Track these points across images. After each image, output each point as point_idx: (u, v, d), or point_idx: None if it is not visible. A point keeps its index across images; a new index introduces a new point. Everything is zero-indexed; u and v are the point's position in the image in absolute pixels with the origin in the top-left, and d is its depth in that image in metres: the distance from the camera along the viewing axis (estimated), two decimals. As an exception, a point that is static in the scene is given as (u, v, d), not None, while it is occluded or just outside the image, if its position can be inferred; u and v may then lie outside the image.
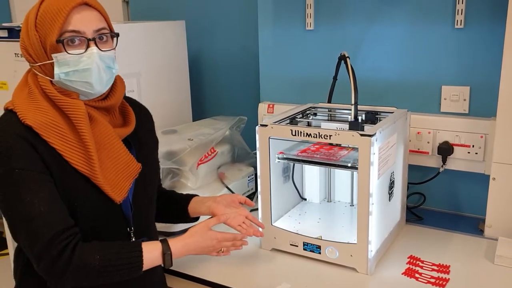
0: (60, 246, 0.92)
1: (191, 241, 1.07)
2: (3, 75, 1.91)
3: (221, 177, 1.74)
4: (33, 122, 0.96)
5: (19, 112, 0.97)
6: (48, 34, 0.98)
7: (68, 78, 1.00)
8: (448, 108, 1.61)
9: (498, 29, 1.47)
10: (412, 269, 1.31)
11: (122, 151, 1.06)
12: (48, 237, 0.92)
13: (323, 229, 1.45)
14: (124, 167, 1.05)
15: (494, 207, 1.46)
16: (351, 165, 1.30)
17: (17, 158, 0.94)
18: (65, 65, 0.99)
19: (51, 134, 0.97)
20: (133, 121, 1.12)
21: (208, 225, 1.11)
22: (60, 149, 0.97)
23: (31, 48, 1.01)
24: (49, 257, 0.92)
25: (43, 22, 0.98)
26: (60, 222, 0.94)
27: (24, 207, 0.93)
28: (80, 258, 0.93)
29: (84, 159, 0.98)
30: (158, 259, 1.01)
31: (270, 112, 1.89)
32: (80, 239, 0.96)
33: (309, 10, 1.77)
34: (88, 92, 1.03)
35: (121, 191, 1.03)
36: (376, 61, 1.71)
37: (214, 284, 1.29)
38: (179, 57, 2.05)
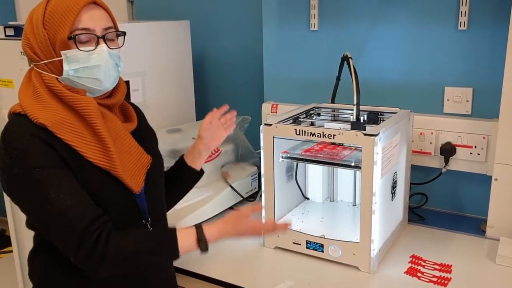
0: (95, 235, 0.93)
1: (225, 227, 1.06)
2: (9, 73, 1.93)
3: (224, 176, 1.75)
4: (46, 121, 0.96)
5: (30, 112, 0.97)
6: (57, 31, 0.99)
7: (77, 75, 1.01)
8: (451, 109, 1.62)
9: (501, 31, 1.48)
10: (414, 268, 1.32)
11: (133, 143, 1.08)
12: (81, 228, 0.92)
13: (326, 228, 1.46)
14: (136, 159, 1.07)
15: (496, 207, 1.47)
16: (354, 165, 1.31)
17: (34, 157, 0.94)
18: (74, 62, 1.00)
19: (65, 131, 0.97)
20: (134, 117, 1.14)
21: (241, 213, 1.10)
22: (76, 145, 0.97)
23: (37, 46, 1.01)
24: (86, 247, 0.92)
25: (52, 20, 0.99)
26: (90, 212, 0.95)
27: (51, 203, 0.93)
28: (116, 246, 0.94)
29: (101, 153, 0.99)
30: (193, 245, 1.01)
31: (274, 112, 1.90)
32: (111, 227, 0.96)
33: (313, 11, 1.79)
34: (96, 89, 1.04)
35: (138, 181, 1.05)
36: (380, 62, 1.72)
37: (217, 281, 1.30)
38: (184, 57, 2.06)
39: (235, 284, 1.28)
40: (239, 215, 1.09)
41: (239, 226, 1.08)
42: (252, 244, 1.48)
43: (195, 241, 1.01)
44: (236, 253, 1.44)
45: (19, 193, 0.96)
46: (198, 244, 1.01)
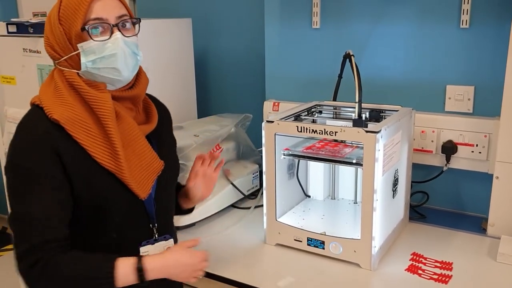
0: (40, 254, 0.93)
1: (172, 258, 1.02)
2: (11, 70, 1.93)
3: (226, 174, 1.75)
4: (60, 117, 0.96)
5: (46, 107, 0.98)
6: (72, 24, 0.99)
7: (95, 66, 1.01)
8: (453, 107, 1.63)
9: (503, 29, 1.48)
10: (415, 266, 1.33)
11: (146, 148, 1.06)
12: (33, 243, 0.93)
13: (327, 225, 1.46)
14: (148, 164, 1.06)
15: (497, 206, 1.47)
16: (356, 162, 1.31)
17: (34, 159, 0.95)
18: (91, 53, 1.00)
19: (78, 129, 0.97)
20: (155, 118, 1.12)
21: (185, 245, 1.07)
22: (86, 144, 0.97)
23: (56, 43, 1.01)
24: (27, 262, 0.93)
25: (66, 14, 0.99)
26: (51, 232, 0.95)
27: (25, 207, 0.94)
28: (53, 270, 0.94)
29: (110, 155, 0.99)
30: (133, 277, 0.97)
31: (276, 110, 1.90)
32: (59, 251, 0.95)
33: (315, 9, 1.79)
34: (116, 79, 1.03)
35: (146, 187, 1.04)
36: (382, 60, 1.72)
37: (219, 277, 1.31)
38: (186, 55, 2.07)
39: (236, 280, 1.28)
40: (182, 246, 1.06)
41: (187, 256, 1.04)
42: (253, 241, 1.48)
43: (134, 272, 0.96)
44: (237, 250, 1.44)
45: (7, 180, 0.99)
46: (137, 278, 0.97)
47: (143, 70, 1.12)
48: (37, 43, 1.80)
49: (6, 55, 1.93)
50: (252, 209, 1.71)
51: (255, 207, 1.72)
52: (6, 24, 1.88)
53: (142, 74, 1.11)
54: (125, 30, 1.03)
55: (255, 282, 1.27)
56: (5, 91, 1.99)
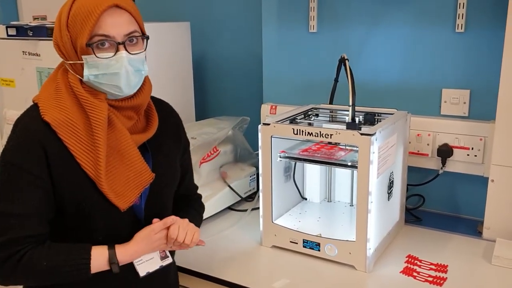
0: (15, 248, 0.95)
1: (139, 247, 1.05)
2: (11, 73, 1.95)
3: (223, 176, 1.76)
4: (51, 119, 0.98)
5: (41, 107, 1.00)
6: (78, 35, 0.99)
7: (97, 80, 1.01)
8: (448, 110, 1.64)
9: (498, 34, 1.49)
10: (410, 268, 1.33)
11: (136, 159, 1.05)
12: (9, 237, 0.95)
13: (323, 227, 1.47)
14: (135, 175, 1.04)
15: (492, 209, 1.47)
16: (351, 164, 1.32)
17: (22, 156, 0.97)
18: (94, 68, 1.00)
19: (67, 132, 0.98)
20: (154, 126, 1.11)
21: (154, 231, 1.07)
22: (73, 149, 0.98)
23: (63, 47, 1.02)
24: (2, 255, 0.95)
25: (74, 23, 0.99)
26: (28, 228, 0.96)
27: (6, 203, 0.96)
28: (27, 264, 0.95)
29: (93, 162, 0.99)
30: (105, 265, 1.01)
31: (273, 113, 1.91)
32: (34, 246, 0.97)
33: (312, 13, 1.80)
34: (117, 94, 1.04)
35: (127, 199, 1.03)
36: (378, 64, 1.73)
37: (215, 279, 1.31)
38: (184, 58, 2.08)
39: (232, 282, 1.29)
40: (150, 232, 1.06)
41: (154, 242, 1.06)
42: (249, 243, 1.49)
43: (106, 262, 1.01)
44: (234, 252, 1.45)
45: None
46: (109, 266, 1.01)
47: (148, 78, 1.11)
48: (37, 46, 1.81)
49: (5, 58, 1.95)
50: (249, 211, 1.72)
51: (252, 209, 1.73)
52: (6, 27, 1.89)
53: (146, 84, 1.09)
54: (131, 46, 1.01)
55: (251, 284, 1.27)
56: (4, 93, 2.00)
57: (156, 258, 1.10)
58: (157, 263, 1.10)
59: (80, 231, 1.04)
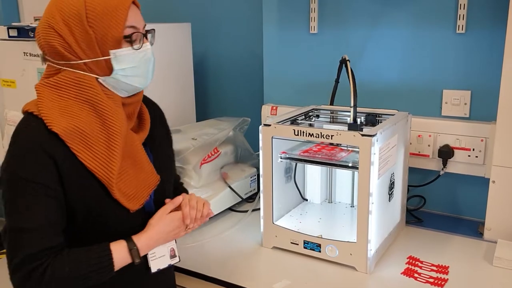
0: (36, 263, 0.93)
1: (155, 231, 1.06)
2: (12, 74, 1.95)
3: (224, 177, 1.76)
4: (59, 129, 0.94)
5: (46, 117, 0.95)
6: (109, 29, 0.96)
7: (125, 74, 0.99)
8: (449, 111, 1.63)
9: (498, 35, 1.49)
10: (411, 269, 1.33)
11: (145, 161, 1.06)
12: (30, 252, 0.92)
13: (324, 228, 1.47)
14: (144, 177, 1.05)
15: (493, 210, 1.47)
16: (352, 165, 1.32)
17: (29, 168, 0.93)
18: (124, 61, 0.99)
19: (76, 141, 0.95)
20: (148, 124, 1.11)
21: (165, 211, 1.09)
22: (82, 157, 0.96)
23: (77, 45, 0.96)
24: (23, 272, 0.92)
25: (100, 17, 0.95)
26: (46, 240, 0.94)
27: (19, 218, 0.93)
28: (51, 276, 0.93)
29: (104, 167, 0.98)
30: (127, 257, 1.01)
31: (273, 114, 1.91)
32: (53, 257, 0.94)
33: (313, 14, 1.80)
34: (138, 87, 1.03)
35: (138, 201, 1.03)
36: (379, 65, 1.73)
37: (216, 280, 1.31)
38: (185, 59, 2.08)
39: (233, 283, 1.29)
40: (162, 213, 1.07)
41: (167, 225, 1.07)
42: (250, 244, 1.49)
43: (127, 253, 1.00)
44: (234, 253, 1.45)
45: (2, 192, 0.97)
46: (130, 256, 1.00)
47: None
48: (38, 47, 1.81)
49: (6, 59, 1.95)
50: (249, 212, 1.71)
51: (252, 210, 1.72)
52: (7, 28, 1.90)
53: None
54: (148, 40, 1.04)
55: (251, 285, 1.27)
56: (5, 94, 2.00)
57: (166, 256, 1.12)
58: (167, 261, 1.12)
59: (92, 236, 1.02)
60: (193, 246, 1.49)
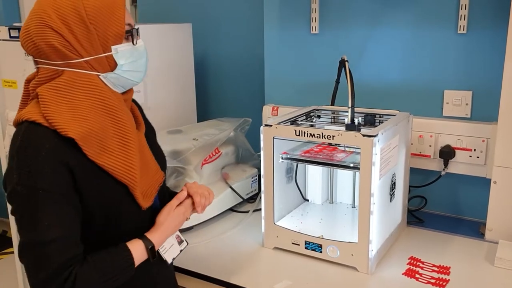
0: (64, 275, 0.91)
1: (165, 227, 1.09)
2: (13, 74, 1.95)
3: (225, 177, 1.76)
4: (75, 134, 0.92)
5: (57, 123, 0.92)
6: (110, 26, 0.97)
7: (125, 69, 1.01)
8: (450, 112, 1.63)
9: (500, 35, 1.49)
10: (413, 270, 1.33)
11: (151, 159, 1.08)
12: (58, 263, 0.91)
13: (325, 229, 1.47)
14: (153, 175, 1.07)
15: (495, 210, 1.47)
16: (353, 165, 1.32)
17: (42, 177, 0.90)
18: (123, 57, 1.01)
19: (93, 145, 0.94)
20: (142, 120, 1.13)
21: (172, 208, 1.11)
22: (100, 161, 0.95)
23: (77, 42, 0.94)
24: (57, 282, 0.91)
25: (99, 14, 0.96)
26: (69, 249, 0.93)
27: (40, 231, 0.91)
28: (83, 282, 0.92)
29: (126, 169, 0.98)
30: (144, 255, 1.03)
31: (275, 114, 1.91)
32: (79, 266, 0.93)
33: (314, 14, 1.80)
34: (135, 82, 1.05)
35: (150, 198, 1.05)
36: (380, 65, 1.73)
37: (217, 280, 1.31)
38: (185, 59, 2.08)
39: (234, 283, 1.29)
40: (169, 210, 1.11)
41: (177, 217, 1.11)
42: (251, 244, 1.49)
43: (144, 250, 1.03)
44: (235, 253, 1.45)
45: (15, 207, 0.94)
46: (147, 252, 1.03)
47: None
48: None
49: (8, 60, 1.95)
50: (250, 212, 1.71)
51: (253, 210, 1.72)
52: (8, 28, 1.90)
53: None
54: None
55: (252, 286, 1.27)
56: (6, 95, 2.01)
57: (175, 245, 1.14)
58: (177, 249, 1.14)
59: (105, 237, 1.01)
60: (194, 246, 1.49)
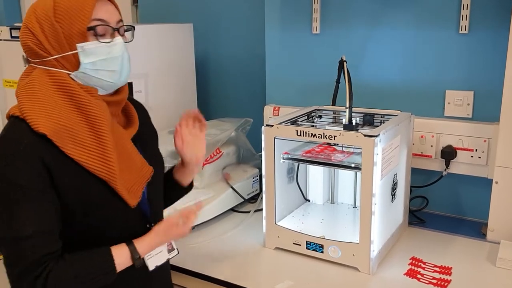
0: (38, 270, 0.92)
1: (157, 241, 1.06)
2: (14, 74, 1.95)
3: (226, 178, 1.76)
4: (46, 129, 0.92)
5: (29, 118, 0.93)
6: (74, 23, 0.96)
7: (94, 68, 0.99)
8: (452, 112, 1.63)
9: (502, 35, 1.48)
10: (414, 270, 1.33)
11: (135, 154, 1.05)
12: (31, 260, 0.91)
13: (326, 229, 1.47)
14: (137, 170, 1.05)
15: (496, 210, 1.47)
16: (354, 166, 1.32)
17: (19, 173, 0.91)
18: (91, 55, 0.98)
19: (65, 139, 0.94)
20: (136, 120, 1.12)
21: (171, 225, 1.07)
22: (75, 155, 0.95)
23: (46, 41, 0.96)
24: (29, 280, 0.92)
25: (66, 12, 0.96)
26: (47, 245, 0.93)
27: (16, 226, 0.91)
28: (56, 282, 0.93)
29: (102, 163, 0.97)
30: (128, 261, 1.01)
31: (276, 114, 1.91)
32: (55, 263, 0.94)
33: (315, 15, 1.80)
34: (111, 83, 1.02)
35: (136, 194, 1.03)
36: (381, 65, 1.73)
37: (217, 280, 1.31)
38: (186, 59, 2.08)
39: (235, 283, 1.28)
40: (170, 225, 1.06)
41: (170, 234, 1.07)
42: (252, 245, 1.49)
43: (129, 258, 1.01)
44: (236, 253, 1.44)
45: None
46: (133, 261, 1.01)
47: None
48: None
49: (9, 60, 1.95)
50: (251, 213, 1.71)
51: (254, 211, 1.72)
52: (10, 28, 1.90)
53: None
54: (123, 36, 1.04)
55: (254, 286, 1.27)
56: (7, 95, 2.01)
57: (164, 251, 1.11)
58: (165, 256, 1.11)
59: (90, 235, 1.01)
60: (195, 246, 1.49)
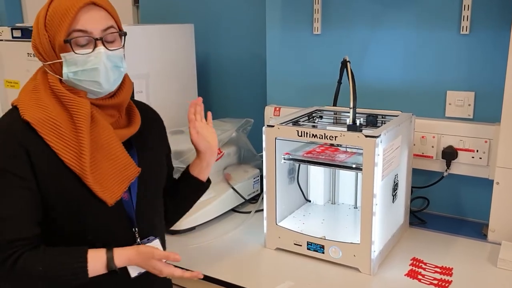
0: (6, 254, 0.94)
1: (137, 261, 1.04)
2: (15, 74, 1.95)
3: (227, 178, 1.76)
4: (31, 118, 0.98)
5: (20, 107, 1.00)
6: (56, 33, 1.00)
7: (77, 77, 1.02)
8: (453, 113, 1.63)
9: (503, 35, 1.48)
10: (415, 271, 1.32)
11: (120, 153, 1.05)
12: (2, 241, 0.94)
13: (327, 229, 1.47)
14: (120, 169, 1.04)
15: (497, 211, 1.47)
16: (355, 166, 1.32)
17: (4, 158, 0.97)
18: (73, 65, 1.01)
19: (48, 130, 0.98)
20: (137, 122, 1.12)
21: (154, 257, 1.04)
22: (55, 146, 0.98)
23: (41, 48, 1.02)
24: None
25: (52, 22, 1.00)
26: (20, 230, 0.96)
27: None
28: (22, 268, 0.94)
29: (76, 157, 0.99)
30: (103, 269, 1.00)
31: (277, 115, 1.91)
32: (28, 249, 0.96)
33: (316, 15, 1.80)
34: (97, 91, 1.04)
35: (114, 193, 1.02)
36: (382, 66, 1.73)
37: (218, 281, 1.31)
38: (187, 60, 2.08)
39: (236, 284, 1.28)
40: (153, 256, 1.04)
41: (148, 264, 1.04)
42: (253, 245, 1.49)
43: (104, 265, 1.00)
44: (237, 254, 1.45)
45: None
46: (107, 269, 1.00)
47: (127, 77, 1.12)
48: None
49: (10, 60, 1.95)
50: (252, 213, 1.71)
51: (255, 211, 1.72)
52: (11, 29, 1.90)
53: (126, 82, 1.10)
54: (109, 43, 1.03)
55: (254, 286, 1.27)
56: (9, 95, 2.01)
57: None
58: None
59: (70, 232, 1.02)
60: (196, 247, 1.49)
